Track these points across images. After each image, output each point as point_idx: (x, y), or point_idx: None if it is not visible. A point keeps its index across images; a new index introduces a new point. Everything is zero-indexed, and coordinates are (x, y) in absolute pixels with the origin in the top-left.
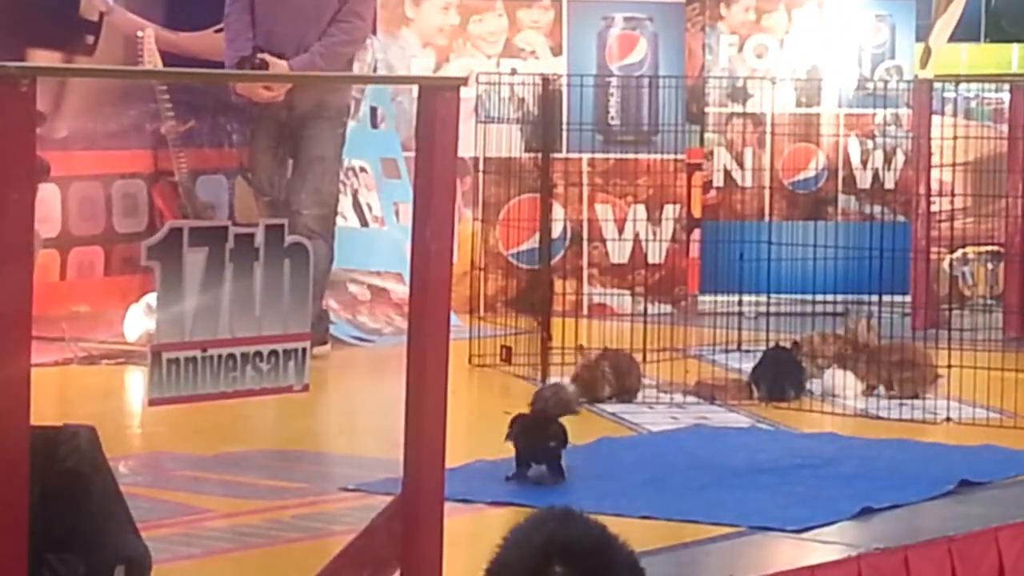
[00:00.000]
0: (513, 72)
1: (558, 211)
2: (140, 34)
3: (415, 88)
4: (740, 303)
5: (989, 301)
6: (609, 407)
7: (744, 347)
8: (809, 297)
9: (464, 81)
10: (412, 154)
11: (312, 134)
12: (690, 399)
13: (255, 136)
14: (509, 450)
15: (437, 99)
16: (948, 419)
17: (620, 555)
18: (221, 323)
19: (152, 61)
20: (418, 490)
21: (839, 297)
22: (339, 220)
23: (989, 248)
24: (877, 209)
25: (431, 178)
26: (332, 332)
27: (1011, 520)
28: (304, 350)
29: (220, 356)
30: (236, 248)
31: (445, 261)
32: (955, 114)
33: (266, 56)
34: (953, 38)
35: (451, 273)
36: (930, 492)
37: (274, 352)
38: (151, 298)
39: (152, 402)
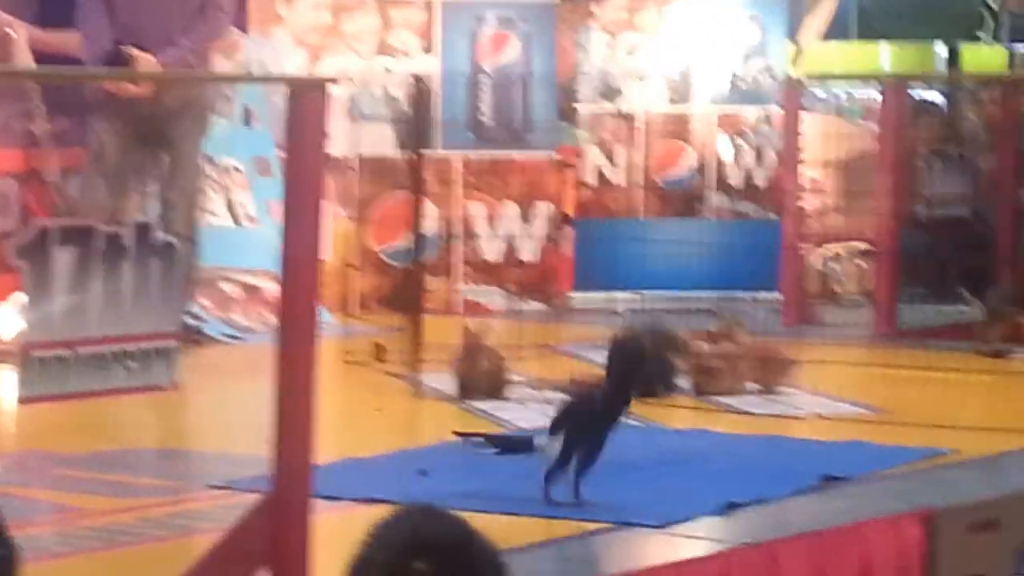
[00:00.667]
0: (386, 71)
1: (431, 209)
2: (10, 32)
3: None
4: (613, 300)
5: (859, 298)
6: (481, 404)
7: None
8: (682, 294)
9: (333, 80)
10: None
11: (177, 131)
12: (561, 396)
13: (115, 132)
14: (381, 447)
15: (306, 98)
16: (817, 415)
17: (482, 551)
18: (90, 322)
19: (23, 59)
20: (287, 487)
21: (711, 294)
22: (212, 219)
23: (859, 245)
24: (748, 207)
25: (300, 176)
26: (205, 330)
27: (877, 515)
28: (174, 349)
29: (89, 355)
30: (105, 247)
31: (314, 258)
32: (826, 112)
33: (132, 51)
34: (824, 37)
35: (320, 270)
36: (797, 487)
37: (143, 351)
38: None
39: (22, 400)
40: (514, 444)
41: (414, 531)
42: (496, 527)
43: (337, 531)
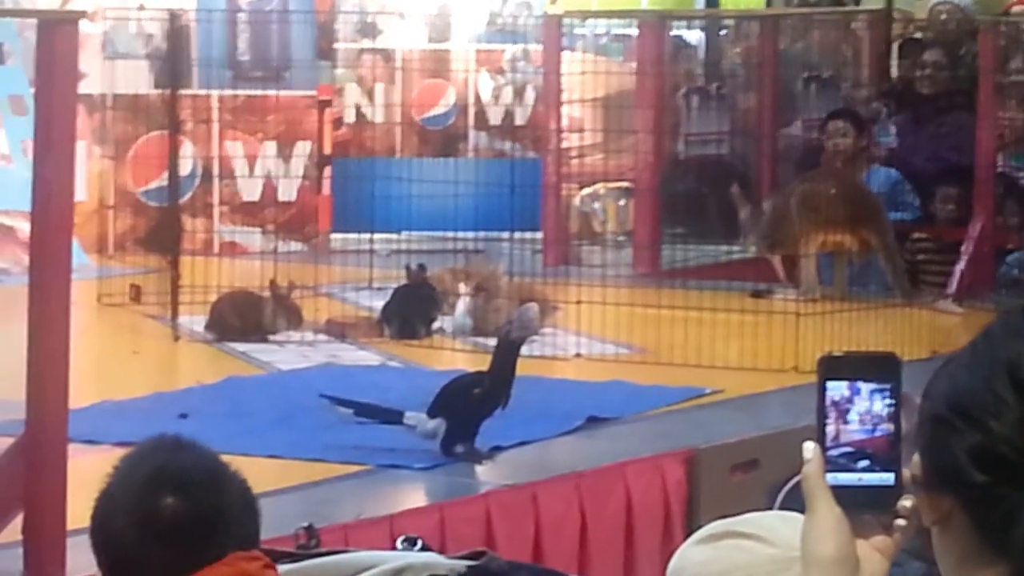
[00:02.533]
0: (141, 7)
1: (188, 148)
2: None
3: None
4: (372, 241)
5: (620, 237)
6: (239, 346)
7: (375, 285)
8: (441, 234)
9: (83, 14)
10: None
11: None
12: (321, 337)
13: None
14: (137, 389)
15: (57, 33)
16: (578, 355)
17: (232, 485)
18: None
19: None
20: (41, 431)
21: (472, 234)
22: None
23: (619, 184)
24: (509, 145)
25: (52, 114)
26: None
27: (638, 455)
28: None
29: None
30: None
31: (67, 198)
32: (585, 50)
33: None
34: None
35: (74, 210)
36: (559, 428)
37: None
38: None
39: None
40: (382, 415)
41: (162, 465)
42: (256, 470)
43: (95, 475)
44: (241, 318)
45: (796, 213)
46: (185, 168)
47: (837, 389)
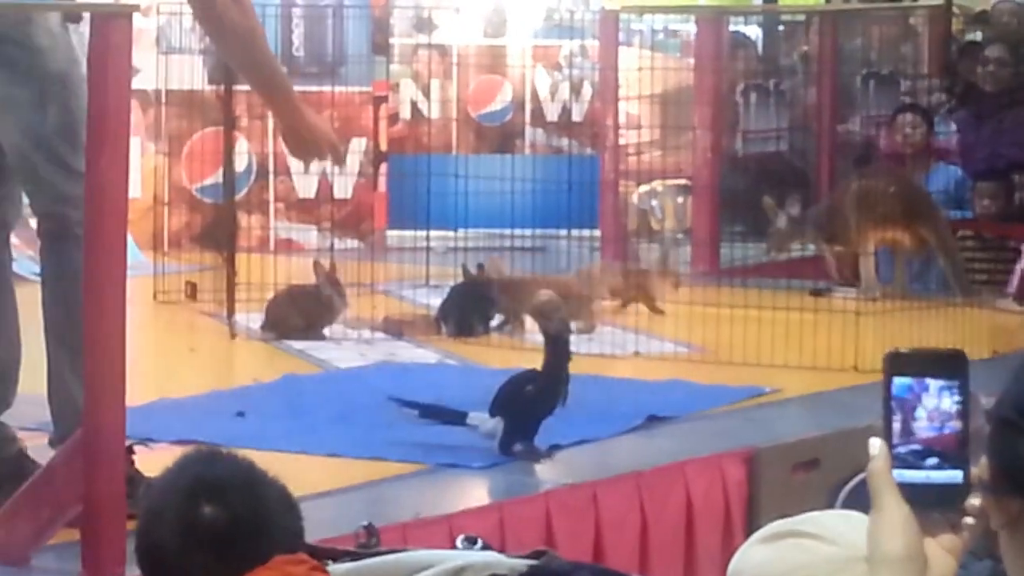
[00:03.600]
0: None
1: (243, 145)
2: None
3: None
4: (428, 238)
5: (678, 234)
6: (296, 343)
7: (432, 282)
8: (498, 232)
9: (137, 8)
10: None
11: None
12: (378, 335)
13: None
14: (193, 387)
15: (110, 26)
16: (637, 353)
17: (271, 490)
18: None
19: None
20: (99, 429)
21: (529, 231)
22: None
23: (677, 181)
24: (566, 142)
25: (105, 107)
26: (16, 269)
27: (698, 454)
28: None
29: None
30: None
31: (122, 194)
32: (642, 46)
33: None
34: None
35: (127, 204)
36: (619, 427)
37: None
38: None
39: None
40: (447, 416)
41: (198, 476)
42: (314, 468)
43: (153, 473)
44: (301, 313)
45: (852, 210)
46: (240, 164)
47: (904, 386)
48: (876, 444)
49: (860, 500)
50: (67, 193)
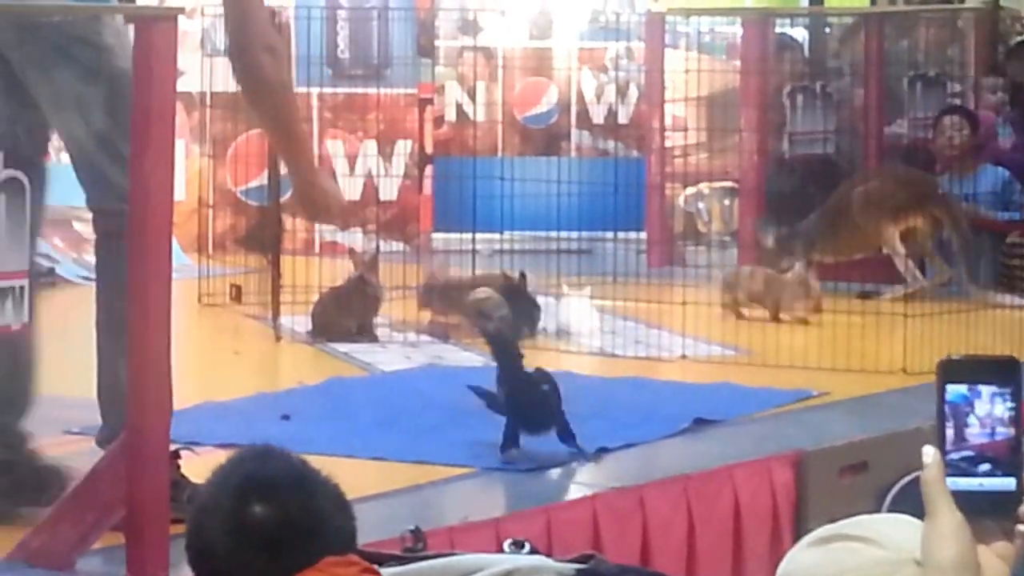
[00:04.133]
0: None
1: None
2: None
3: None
4: (474, 240)
5: (724, 237)
6: (341, 346)
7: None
8: (544, 234)
9: (181, 11)
10: None
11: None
12: (423, 338)
13: None
14: (239, 390)
15: (155, 30)
16: (683, 356)
17: (323, 490)
18: None
19: None
20: (143, 432)
21: (574, 234)
22: (64, 156)
23: (724, 183)
24: (611, 144)
25: (149, 110)
26: (58, 271)
27: (746, 458)
28: (23, 288)
29: None
30: None
31: (166, 197)
32: (688, 48)
33: None
34: None
35: (172, 207)
36: (665, 430)
37: None
38: None
39: None
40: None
41: (249, 474)
42: (360, 471)
43: (198, 477)
44: (348, 312)
45: (863, 215)
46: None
47: (957, 393)
48: (929, 452)
49: (906, 503)
50: (128, 192)
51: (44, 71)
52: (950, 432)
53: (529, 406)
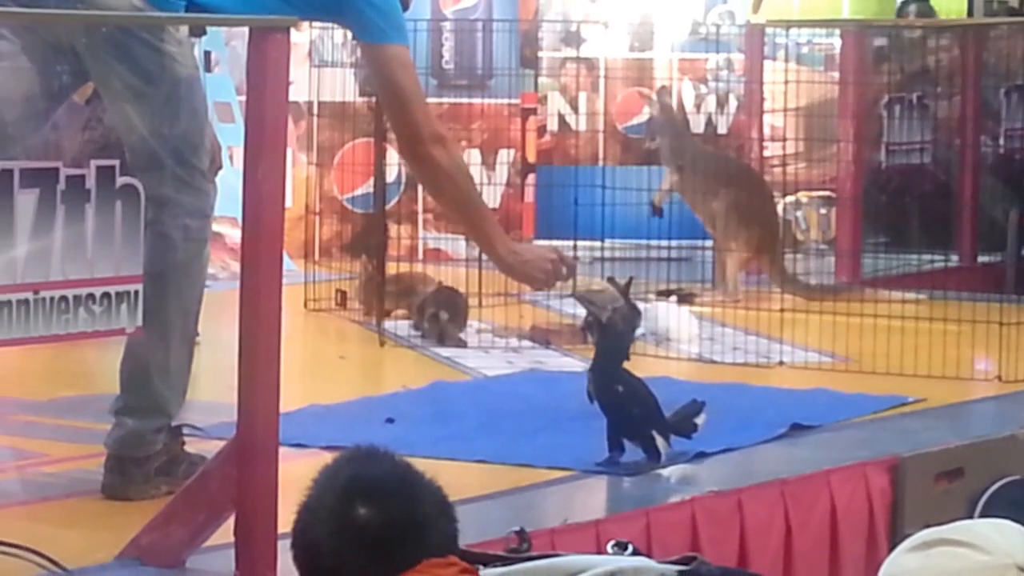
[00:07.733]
0: None
1: (392, 155)
2: None
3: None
4: (575, 248)
5: (822, 245)
6: (443, 351)
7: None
8: (643, 242)
9: (293, 22)
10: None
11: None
12: (525, 344)
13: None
14: (344, 394)
15: (268, 41)
16: (781, 363)
17: (427, 492)
18: (53, 265)
19: None
20: (252, 434)
21: (674, 243)
22: None
23: (821, 193)
24: None
25: (262, 120)
26: None
27: (843, 463)
28: (136, 292)
29: (52, 299)
30: (67, 190)
31: (277, 202)
32: (787, 59)
33: None
34: None
35: (283, 214)
36: (763, 436)
37: (106, 294)
38: None
39: None
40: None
41: (354, 476)
42: (463, 474)
43: (305, 478)
44: (450, 310)
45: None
46: (390, 175)
47: None
48: None
49: (998, 508)
50: (172, 197)
51: (106, 63)
52: None
53: (628, 407)
